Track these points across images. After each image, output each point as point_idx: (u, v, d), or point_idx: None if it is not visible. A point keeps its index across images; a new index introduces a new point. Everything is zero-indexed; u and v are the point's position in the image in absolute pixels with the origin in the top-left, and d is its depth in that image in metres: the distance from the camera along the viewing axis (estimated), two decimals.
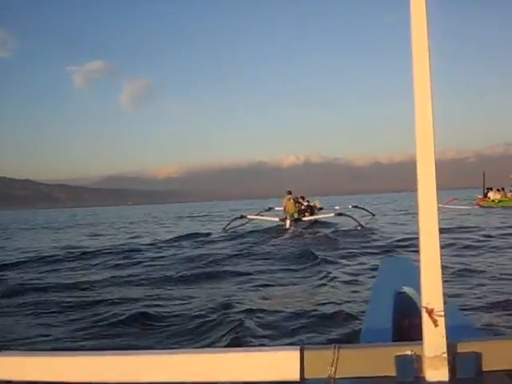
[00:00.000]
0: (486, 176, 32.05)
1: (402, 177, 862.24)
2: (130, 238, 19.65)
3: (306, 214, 21.66)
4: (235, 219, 20.80)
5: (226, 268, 9.96)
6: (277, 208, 23.97)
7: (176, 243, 15.77)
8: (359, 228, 17.81)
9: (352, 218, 19.09)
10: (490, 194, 30.64)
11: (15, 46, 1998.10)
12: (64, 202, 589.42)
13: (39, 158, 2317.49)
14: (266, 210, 24.34)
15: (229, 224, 20.45)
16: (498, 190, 30.61)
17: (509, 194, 30.07)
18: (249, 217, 21.67)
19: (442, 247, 1.51)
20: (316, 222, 21.10)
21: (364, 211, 25.30)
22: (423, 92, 1.54)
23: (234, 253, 12.20)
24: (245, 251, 12.49)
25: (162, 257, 12.38)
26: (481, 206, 29.77)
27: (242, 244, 14.64)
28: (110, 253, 13.59)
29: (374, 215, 20.08)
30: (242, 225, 20.40)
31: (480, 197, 31.55)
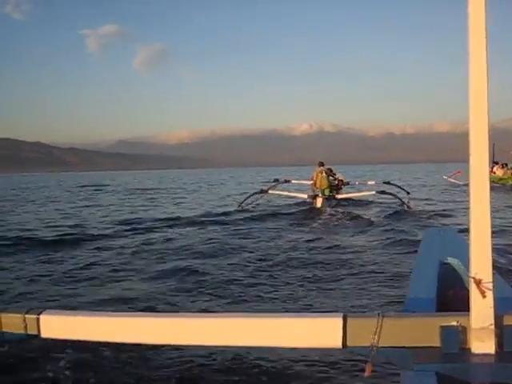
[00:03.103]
0: (495, 150, 28.41)
1: (415, 148, 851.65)
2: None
3: (340, 190, 18.02)
4: (254, 194, 17.12)
5: None
6: (294, 181, 20.92)
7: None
8: (406, 209, 14.97)
9: (397, 196, 16.12)
10: (495, 169, 27.84)
11: (29, 7, 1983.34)
12: (76, 165, 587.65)
13: (51, 121, 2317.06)
14: (281, 183, 20.36)
15: (246, 199, 16.88)
16: (502, 167, 28.06)
17: (508, 172, 27.51)
18: (270, 192, 17.79)
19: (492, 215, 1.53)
20: (345, 200, 17.26)
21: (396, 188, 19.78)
22: (479, 64, 1.52)
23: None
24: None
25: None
26: None
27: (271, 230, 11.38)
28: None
29: (408, 193, 16.88)
30: (257, 200, 17.00)
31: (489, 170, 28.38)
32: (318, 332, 1.62)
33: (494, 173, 27.80)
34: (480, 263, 1.51)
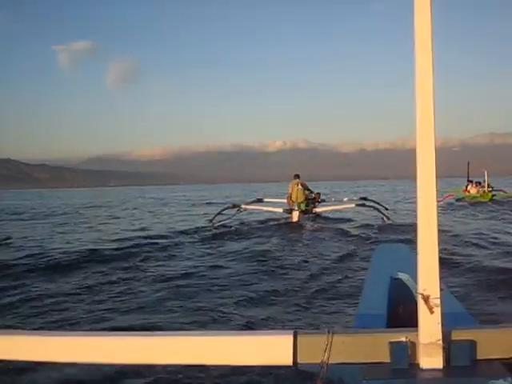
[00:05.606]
0: (470, 166, 28.96)
1: (388, 164, 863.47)
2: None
3: (316, 205, 17.50)
4: (226, 209, 16.61)
5: None
6: (266, 200, 19.83)
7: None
8: (386, 221, 14.51)
9: (377, 209, 15.64)
10: (469, 188, 27.80)
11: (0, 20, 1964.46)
12: (45, 182, 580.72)
13: (21, 137, 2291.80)
14: (255, 202, 19.29)
15: (217, 214, 16.04)
16: (475, 185, 27.64)
17: (481, 190, 27.02)
18: (243, 206, 17.05)
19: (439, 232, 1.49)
20: (321, 214, 17.10)
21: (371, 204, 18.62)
22: (425, 80, 1.50)
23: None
24: None
25: None
26: (457, 200, 26.70)
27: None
28: None
29: (387, 209, 16.13)
30: (229, 218, 15.95)
31: (463, 189, 28.49)
32: (268, 349, 1.58)
33: (469, 191, 27.60)
34: (427, 279, 1.51)
